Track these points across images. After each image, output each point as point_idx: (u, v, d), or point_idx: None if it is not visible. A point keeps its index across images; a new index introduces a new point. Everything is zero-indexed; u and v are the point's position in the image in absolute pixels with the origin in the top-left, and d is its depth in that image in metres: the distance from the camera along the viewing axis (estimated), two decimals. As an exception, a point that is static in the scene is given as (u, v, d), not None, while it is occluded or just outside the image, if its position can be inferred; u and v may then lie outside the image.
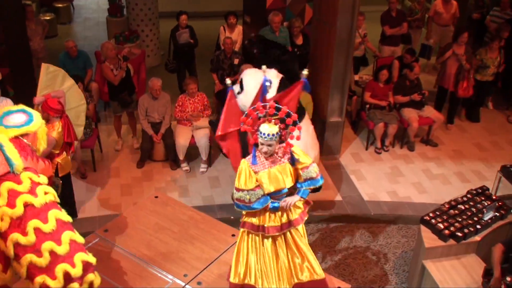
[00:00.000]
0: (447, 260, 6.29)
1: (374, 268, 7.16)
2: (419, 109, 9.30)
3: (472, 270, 6.15)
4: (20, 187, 3.80)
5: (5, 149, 3.82)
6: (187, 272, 5.33)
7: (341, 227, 7.81)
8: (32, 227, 3.75)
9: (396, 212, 8.00)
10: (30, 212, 3.78)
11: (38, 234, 3.76)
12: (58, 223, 3.85)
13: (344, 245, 7.50)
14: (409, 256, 7.31)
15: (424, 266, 6.27)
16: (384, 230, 7.81)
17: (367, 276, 7.02)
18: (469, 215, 6.57)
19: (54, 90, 6.81)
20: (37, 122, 4.09)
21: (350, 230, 7.76)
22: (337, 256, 7.28)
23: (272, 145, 4.48)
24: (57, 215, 3.87)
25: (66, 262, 3.80)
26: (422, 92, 9.21)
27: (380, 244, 7.55)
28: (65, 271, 3.78)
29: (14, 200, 3.75)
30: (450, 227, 6.34)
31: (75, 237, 3.92)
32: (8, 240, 3.75)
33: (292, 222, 4.75)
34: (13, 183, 3.79)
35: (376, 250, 7.43)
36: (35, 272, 3.78)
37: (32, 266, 3.76)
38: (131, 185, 8.33)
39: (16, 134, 3.95)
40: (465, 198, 6.89)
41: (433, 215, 6.51)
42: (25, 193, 3.80)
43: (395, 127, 9.13)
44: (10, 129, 3.96)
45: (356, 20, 8.26)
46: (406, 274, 7.05)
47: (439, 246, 6.26)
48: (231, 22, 10.16)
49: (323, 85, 8.61)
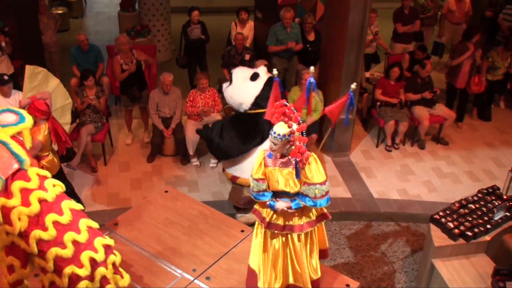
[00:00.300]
0: (456, 259, 6.26)
1: (383, 266, 7.14)
2: (430, 107, 9.26)
3: (482, 270, 6.11)
4: (30, 184, 3.82)
5: (11, 146, 3.83)
6: (196, 267, 5.34)
7: (350, 225, 7.80)
8: (51, 221, 3.81)
9: (406, 210, 7.98)
10: (44, 207, 3.83)
11: (58, 227, 3.84)
12: (72, 213, 3.93)
13: (353, 242, 7.49)
14: (418, 254, 7.30)
15: (433, 265, 6.25)
16: (394, 228, 7.79)
17: (376, 274, 7.01)
18: (480, 214, 6.53)
19: (40, 91, 6.78)
20: (29, 119, 4.07)
21: (359, 228, 7.75)
22: (346, 254, 7.27)
23: (276, 144, 4.49)
24: (69, 205, 3.95)
25: (89, 249, 3.92)
26: (433, 90, 9.16)
27: (389, 242, 7.54)
28: (90, 257, 3.91)
29: (27, 198, 3.78)
30: (460, 226, 6.31)
31: (90, 223, 4.04)
32: (30, 238, 3.80)
33: (293, 227, 4.78)
34: (23, 181, 3.80)
35: (385, 248, 7.42)
36: (62, 264, 3.87)
37: (58, 259, 3.85)
38: (141, 179, 8.35)
39: (14, 132, 3.93)
40: (475, 197, 6.85)
41: (443, 214, 6.48)
42: (36, 190, 3.82)
43: (406, 125, 9.10)
44: (7, 128, 3.92)
45: (368, 17, 8.22)
46: (415, 273, 7.04)
47: (449, 245, 6.23)
48: (242, 17, 10.17)
49: (334, 82, 8.58)
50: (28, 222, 3.79)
